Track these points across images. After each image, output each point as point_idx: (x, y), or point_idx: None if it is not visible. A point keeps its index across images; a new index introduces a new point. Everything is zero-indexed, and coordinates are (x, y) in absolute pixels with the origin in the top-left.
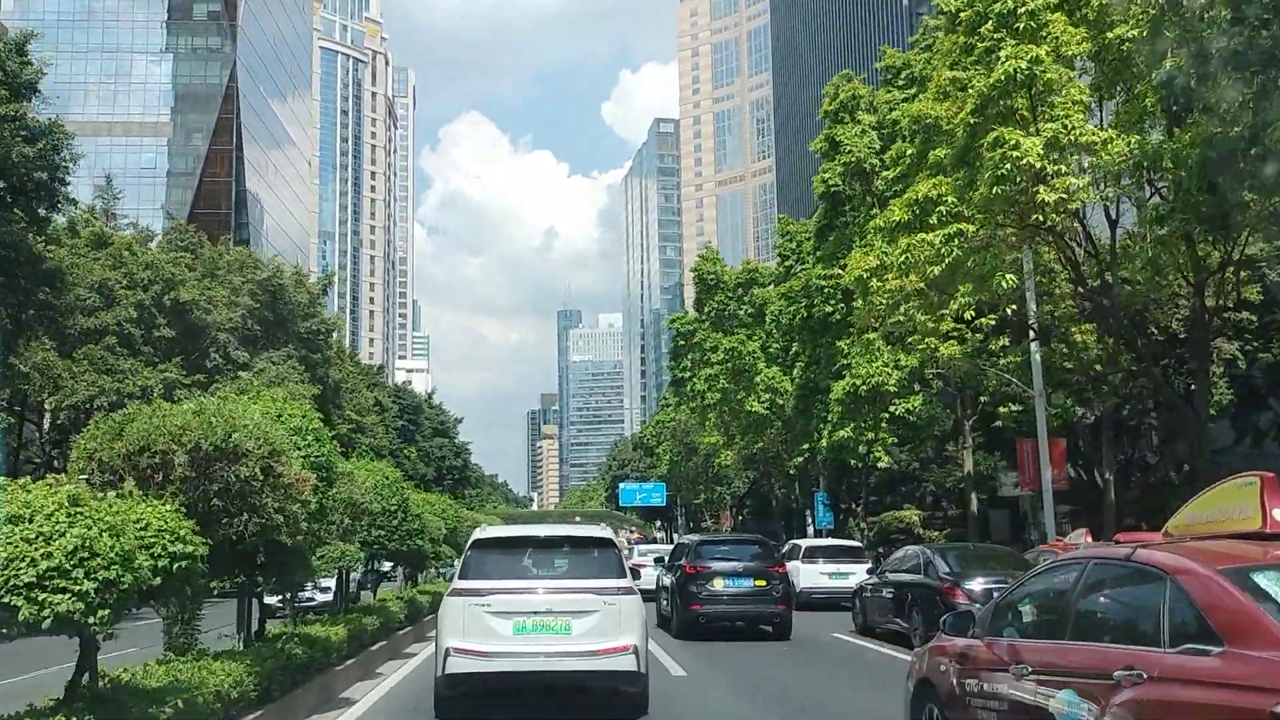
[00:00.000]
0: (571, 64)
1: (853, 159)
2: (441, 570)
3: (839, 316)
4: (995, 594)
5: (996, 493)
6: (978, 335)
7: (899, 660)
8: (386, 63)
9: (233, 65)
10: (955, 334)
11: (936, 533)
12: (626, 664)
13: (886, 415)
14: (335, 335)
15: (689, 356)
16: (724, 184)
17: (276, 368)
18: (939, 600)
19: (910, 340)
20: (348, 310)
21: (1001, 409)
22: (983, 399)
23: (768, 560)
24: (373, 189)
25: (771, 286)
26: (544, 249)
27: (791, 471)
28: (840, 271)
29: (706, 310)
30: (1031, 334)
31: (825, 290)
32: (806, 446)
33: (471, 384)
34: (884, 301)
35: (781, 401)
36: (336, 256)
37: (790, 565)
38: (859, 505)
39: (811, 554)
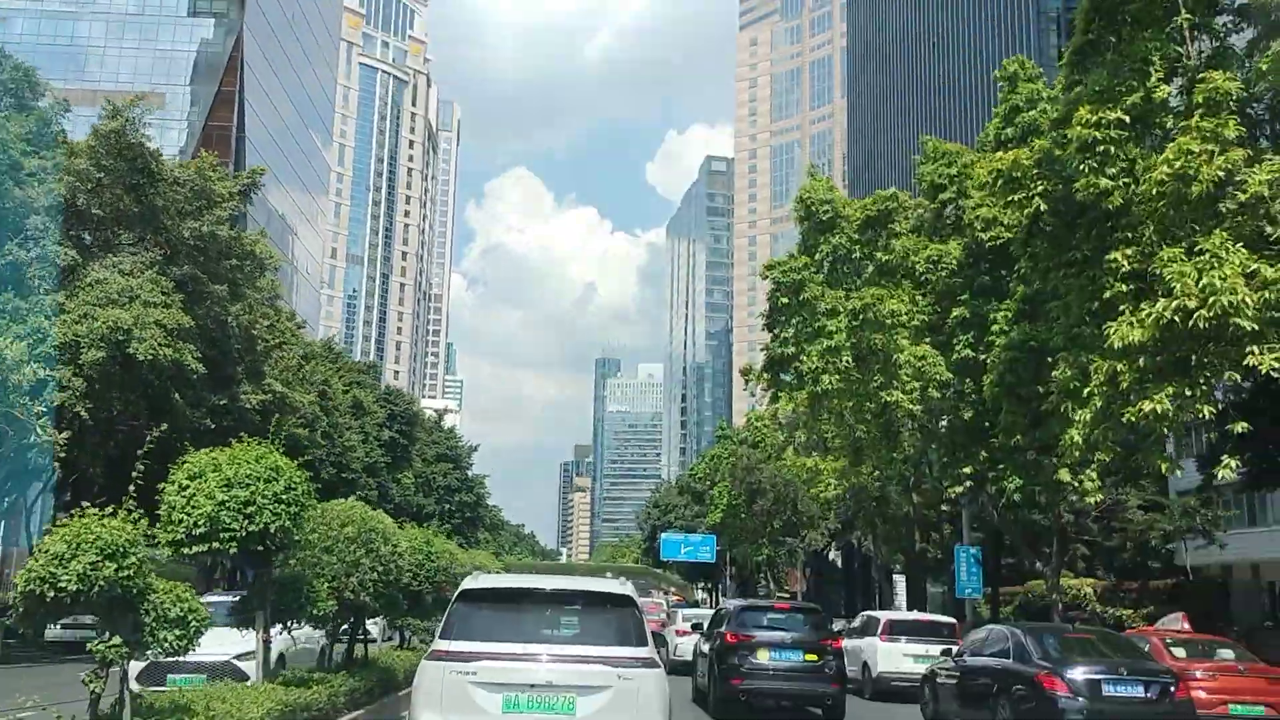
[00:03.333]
0: (620, 122)
1: None
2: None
3: (1120, 199)
4: (1104, 687)
5: (1174, 556)
6: None
7: None
8: (429, 83)
9: (239, 30)
10: None
11: (1128, 611)
12: None
13: (1236, 377)
14: (270, 276)
15: (793, 322)
16: (780, 221)
17: (126, 280)
18: (1033, 691)
19: None
20: (373, 338)
21: None
22: None
23: (822, 632)
24: (406, 214)
25: (913, 236)
26: (583, 303)
27: (944, 507)
28: (1124, 117)
29: (818, 258)
30: None
31: (1098, 149)
32: (969, 470)
33: (508, 436)
34: None
35: (937, 394)
36: (364, 282)
37: (864, 643)
38: (1044, 564)
39: (892, 629)
